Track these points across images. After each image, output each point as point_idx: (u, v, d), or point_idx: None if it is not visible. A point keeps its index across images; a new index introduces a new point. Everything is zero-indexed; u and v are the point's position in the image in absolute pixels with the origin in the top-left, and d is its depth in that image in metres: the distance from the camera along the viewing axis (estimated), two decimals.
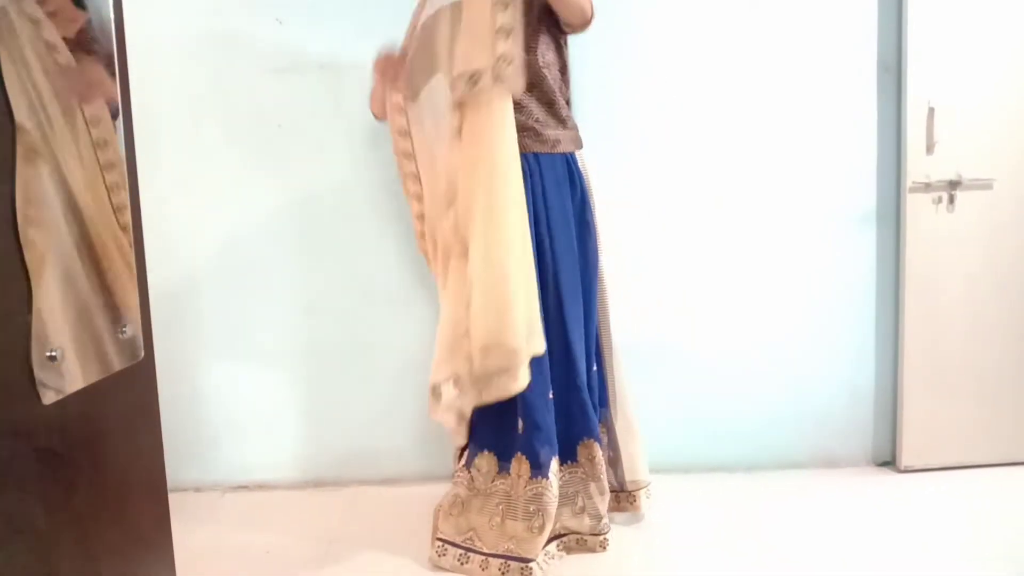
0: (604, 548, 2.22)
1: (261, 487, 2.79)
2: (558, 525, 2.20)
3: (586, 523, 2.23)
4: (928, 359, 2.75)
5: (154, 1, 2.55)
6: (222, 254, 2.74)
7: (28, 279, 1.12)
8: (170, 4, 2.61)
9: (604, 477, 2.25)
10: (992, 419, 2.77)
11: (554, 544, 2.19)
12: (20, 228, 1.11)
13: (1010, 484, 2.65)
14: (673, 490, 2.60)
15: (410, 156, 2.24)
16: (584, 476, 2.25)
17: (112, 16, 1.37)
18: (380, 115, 2.33)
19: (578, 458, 2.25)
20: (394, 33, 2.28)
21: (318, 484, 2.80)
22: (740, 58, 2.69)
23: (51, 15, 1.22)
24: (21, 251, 1.11)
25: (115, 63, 1.38)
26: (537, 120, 2.14)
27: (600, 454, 2.24)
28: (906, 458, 2.77)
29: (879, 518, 2.42)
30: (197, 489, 2.77)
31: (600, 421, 2.31)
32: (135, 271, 1.42)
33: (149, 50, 2.55)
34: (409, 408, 2.77)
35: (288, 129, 2.68)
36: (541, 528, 2.09)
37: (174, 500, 1.60)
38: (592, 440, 2.23)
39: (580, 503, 2.24)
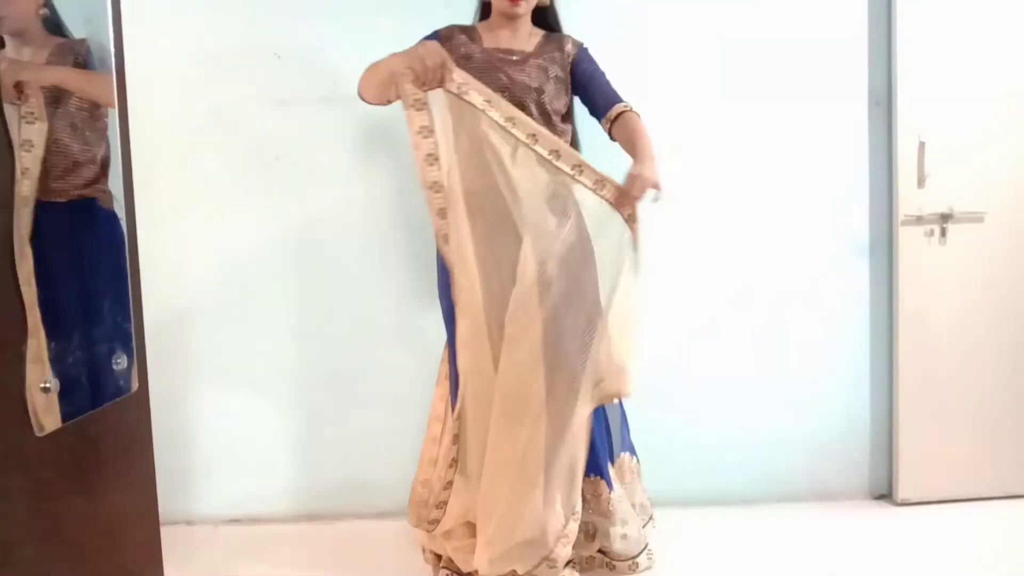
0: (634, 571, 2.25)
1: (254, 520, 2.76)
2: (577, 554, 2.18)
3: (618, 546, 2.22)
4: (923, 391, 2.75)
5: (154, 33, 2.57)
6: (218, 285, 2.74)
7: (24, 310, 1.12)
8: (170, 36, 2.64)
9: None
10: (989, 452, 2.76)
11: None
12: (16, 259, 1.11)
13: (1009, 517, 2.63)
14: (670, 524, 2.57)
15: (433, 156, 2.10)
16: (591, 512, 2.22)
17: (112, 48, 1.39)
18: (375, 101, 2.16)
19: (584, 495, 2.21)
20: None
21: (312, 517, 2.77)
22: (732, 92, 2.72)
23: None
24: (17, 282, 1.12)
25: (115, 94, 1.39)
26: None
27: (606, 492, 2.21)
28: (903, 491, 2.76)
29: (878, 552, 2.40)
30: (189, 522, 2.73)
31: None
32: (130, 302, 1.42)
33: (149, 81, 2.57)
34: (405, 440, 2.74)
35: (285, 161, 2.69)
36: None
37: (166, 533, 1.59)
38: (598, 477, 2.21)
39: (591, 530, 2.22)
